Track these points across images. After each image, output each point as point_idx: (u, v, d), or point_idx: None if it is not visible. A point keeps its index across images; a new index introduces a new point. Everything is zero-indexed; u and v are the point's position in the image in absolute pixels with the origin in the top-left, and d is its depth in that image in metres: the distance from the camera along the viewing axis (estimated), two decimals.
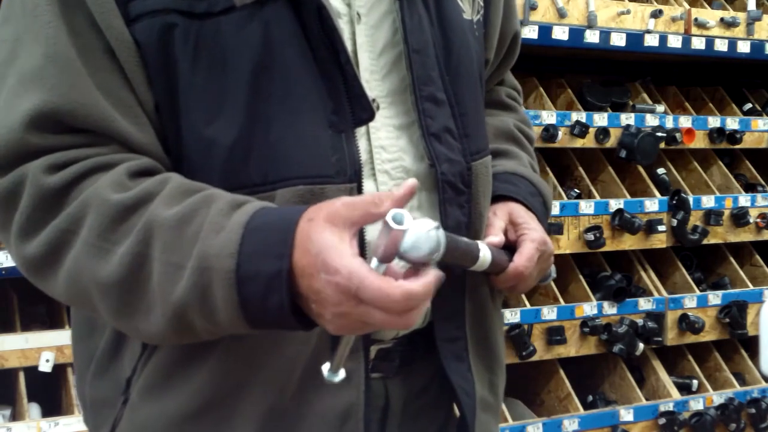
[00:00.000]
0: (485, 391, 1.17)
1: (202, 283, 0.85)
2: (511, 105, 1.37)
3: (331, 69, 0.97)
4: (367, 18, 1.04)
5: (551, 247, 1.18)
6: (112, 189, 0.91)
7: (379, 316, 0.81)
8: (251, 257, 0.84)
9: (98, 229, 0.90)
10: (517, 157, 1.28)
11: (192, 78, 0.94)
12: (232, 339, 0.97)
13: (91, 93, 0.93)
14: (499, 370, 1.21)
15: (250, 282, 0.84)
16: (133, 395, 1.02)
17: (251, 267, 0.84)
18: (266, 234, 0.85)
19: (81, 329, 1.11)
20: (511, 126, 1.31)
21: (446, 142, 1.07)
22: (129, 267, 0.88)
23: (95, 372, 1.07)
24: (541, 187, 1.25)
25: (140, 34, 0.94)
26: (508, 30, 1.29)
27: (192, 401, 0.99)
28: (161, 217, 0.89)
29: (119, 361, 1.04)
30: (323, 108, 0.97)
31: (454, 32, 1.11)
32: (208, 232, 0.86)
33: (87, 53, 0.94)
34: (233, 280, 0.84)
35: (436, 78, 1.07)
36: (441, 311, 1.09)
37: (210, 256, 0.85)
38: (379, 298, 0.80)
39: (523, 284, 1.15)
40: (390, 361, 1.09)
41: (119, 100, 0.95)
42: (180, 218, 0.88)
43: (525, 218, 1.16)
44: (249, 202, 0.89)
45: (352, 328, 0.84)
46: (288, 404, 1.00)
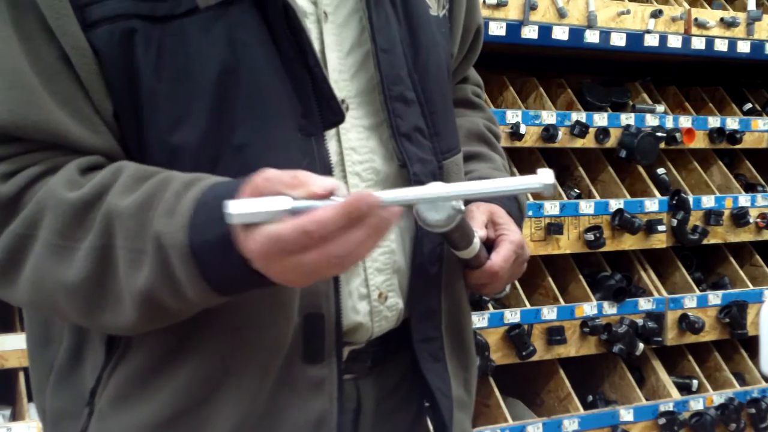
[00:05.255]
0: (461, 390, 1.16)
1: (162, 263, 0.84)
2: (478, 103, 1.37)
3: (299, 71, 0.95)
4: (334, 17, 1.03)
5: (527, 252, 1.16)
6: (66, 187, 0.89)
7: (311, 258, 0.79)
8: (200, 228, 0.83)
9: (58, 229, 0.88)
10: (491, 160, 1.27)
11: (155, 84, 0.92)
12: (204, 346, 0.96)
13: (42, 106, 0.90)
14: (472, 368, 1.21)
15: (204, 251, 0.83)
16: (102, 406, 1.00)
17: (201, 237, 0.83)
18: (213, 204, 0.83)
19: (37, 338, 1.07)
20: (482, 127, 1.31)
21: (417, 142, 1.06)
22: (94, 262, 0.87)
23: (55, 383, 1.04)
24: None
25: (98, 41, 0.91)
26: (470, 24, 1.27)
27: (164, 410, 0.97)
28: (120, 207, 0.87)
29: (80, 372, 1.02)
30: (292, 111, 0.95)
31: (421, 30, 1.09)
32: (163, 214, 0.85)
33: (39, 61, 0.91)
34: (189, 254, 0.83)
35: (404, 77, 1.06)
36: (417, 311, 1.08)
37: (164, 235, 0.84)
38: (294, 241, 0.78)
39: (494, 285, 1.13)
40: (362, 362, 1.08)
41: (74, 109, 0.92)
42: (138, 205, 0.87)
43: (505, 219, 1.15)
44: (203, 179, 0.87)
45: (301, 279, 0.83)
46: (261, 412, 0.98)
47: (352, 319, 1.03)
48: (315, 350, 0.99)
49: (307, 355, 0.99)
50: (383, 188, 1.05)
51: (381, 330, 1.06)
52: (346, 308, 1.01)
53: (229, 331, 0.95)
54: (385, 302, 1.05)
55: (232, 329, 0.95)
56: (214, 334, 0.96)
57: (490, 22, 2.62)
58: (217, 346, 0.96)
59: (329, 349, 1.00)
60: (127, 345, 0.98)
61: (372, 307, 1.04)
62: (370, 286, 1.04)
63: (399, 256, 1.06)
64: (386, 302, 1.05)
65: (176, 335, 0.96)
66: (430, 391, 1.10)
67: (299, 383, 0.99)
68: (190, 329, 0.95)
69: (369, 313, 1.04)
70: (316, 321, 0.99)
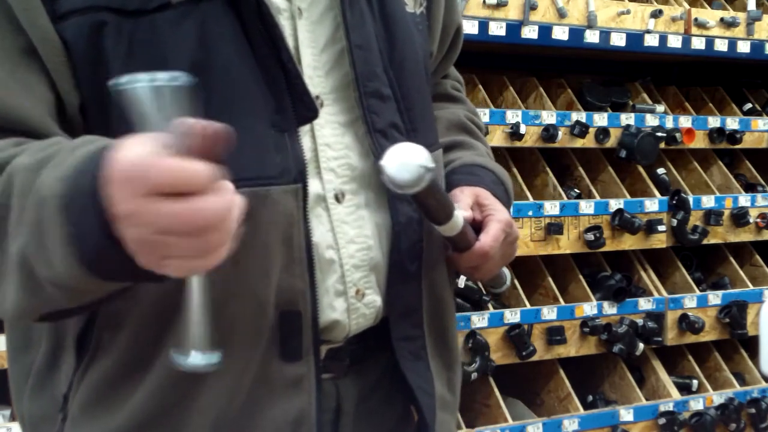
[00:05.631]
0: (444, 389, 1.15)
1: (37, 219, 0.77)
2: (458, 97, 1.36)
3: (272, 67, 0.95)
4: (308, 13, 1.02)
5: (516, 231, 1.15)
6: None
7: (178, 207, 0.68)
8: (75, 178, 0.75)
9: None
10: (473, 147, 1.26)
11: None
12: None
13: (5, 91, 0.89)
14: (456, 367, 1.19)
15: (73, 204, 0.74)
16: (74, 411, 0.98)
17: (74, 189, 0.74)
18: (97, 159, 0.74)
19: (16, 343, 1.06)
20: (462, 117, 1.30)
21: (393, 138, 1.05)
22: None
23: (33, 387, 1.03)
24: (501, 175, 1.23)
25: (68, 33, 0.90)
26: (450, 22, 1.27)
27: (137, 415, 0.96)
28: (21, 165, 0.82)
29: (56, 376, 1.01)
30: (265, 107, 0.95)
31: (397, 26, 1.09)
32: (51, 167, 0.79)
33: (3, 54, 0.90)
34: (60, 206, 0.75)
35: (380, 73, 1.05)
36: (396, 309, 1.07)
37: (43, 186, 0.77)
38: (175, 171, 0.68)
39: (487, 266, 1.12)
40: (340, 360, 1.07)
41: (38, 97, 0.90)
42: (39, 161, 0.81)
43: (490, 200, 1.14)
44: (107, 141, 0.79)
45: (152, 247, 0.71)
46: (238, 413, 0.97)
47: (328, 317, 1.02)
48: (292, 348, 0.98)
49: (284, 353, 0.98)
50: (359, 184, 1.04)
51: (359, 327, 1.05)
52: (322, 305, 1.01)
53: None
54: (362, 299, 1.04)
55: None
56: None
57: (490, 22, 2.62)
58: None
59: (307, 346, 0.99)
60: (96, 348, 0.97)
61: (349, 304, 1.03)
62: (347, 283, 1.03)
63: (376, 252, 1.05)
64: (364, 299, 1.04)
65: (145, 336, 0.95)
66: (411, 390, 1.09)
67: (277, 382, 0.98)
68: (159, 329, 0.93)
69: (346, 311, 1.03)
70: (292, 318, 0.98)
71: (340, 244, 1.02)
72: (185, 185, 0.68)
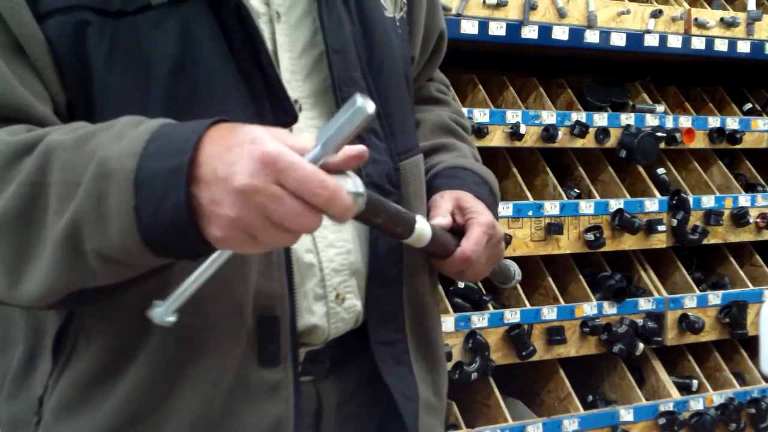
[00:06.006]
0: (429, 392, 1.15)
1: (98, 190, 0.79)
2: (442, 99, 1.36)
3: (251, 71, 0.95)
4: (286, 17, 1.02)
5: (500, 231, 1.15)
6: (8, 134, 0.88)
7: (291, 206, 0.74)
8: (154, 156, 0.78)
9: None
10: (457, 149, 1.26)
11: (107, 77, 0.91)
12: (154, 350, 0.93)
13: (5, 81, 0.90)
14: (441, 370, 1.19)
15: (149, 182, 0.77)
16: (47, 415, 0.97)
17: (152, 166, 0.77)
18: (173, 135, 0.79)
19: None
20: (446, 119, 1.30)
21: (370, 143, 1.05)
22: (24, 198, 0.83)
23: (9, 390, 1.03)
24: (485, 175, 1.23)
25: (51, 32, 0.91)
26: (432, 27, 1.27)
27: (112, 419, 0.95)
28: (59, 141, 0.83)
29: (32, 379, 1.00)
30: (244, 110, 0.94)
31: (375, 30, 1.09)
32: (110, 141, 0.80)
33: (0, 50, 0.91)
34: (131, 180, 0.77)
35: (358, 78, 1.05)
36: (375, 313, 1.07)
37: (110, 159, 0.79)
38: (310, 178, 0.74)
39: (472, 270, 1.12)
40: (320, 363, 1.07)
41: (35, 91, 0.91)
42: (80, 138, 0.83)
43: (472, 203, 1.14)
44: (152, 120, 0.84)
45: (246, 223, 0.75)
46: (215, 418, 0.96)
47: (307, 321, 1.01)
48: (270, 354, 0.98)
49: (262, 359, 0.97)
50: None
51: (338, 331, 1.05)
52: (301, 309, 1.00)
53: (178, 334, 0.91)
54: (342, 303, 1.04)
55: (181, 332, 0.91)
56: (163, 338, 0.93)
57: (490, 22, 2.62)
58: (166, 351, 0.94)
59: (285, 352, 0.98)
60: (72, 351, 0.96)
61: (329, 308, 1.03)
62: (327, 287, 1.03)
63: (356, 257, 1.05)
64: (344, 303, 1.04)
65: (121, 339, 0.94)
66: (391, 395, 1.08)
67: (255, 387, 0.98)
68: (136, 332, 0.93)
69: (326, 315, 1.03)
70: (270, 324, 0.97)
71: (320, 247, 1.02)
72: (311, 196, 0.74)
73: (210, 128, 0.79)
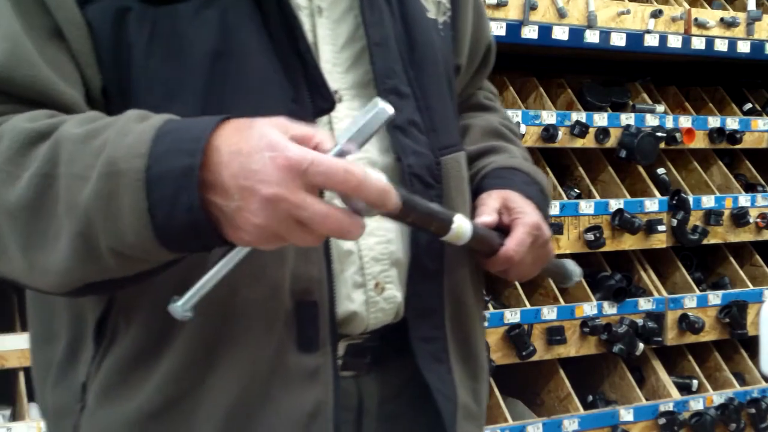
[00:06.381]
0: (469, 399, 1.13)
1: (108, 191, 0.79)
2: (491, 106, 1.37)
3: (290, 57, 0.96)
4: (328, 12, 1.04)
5: (547, 232, 1.13)
6: (27, 120, 0.88)
7: (317, 209, 0.76)
8: (162, 156, 0.78)
9: (9, 156, 0.86)
10: (507, 151, 1.25)
11: (146, 63, 0.93)
12: (191, 332, 0.94)
13: (34, 64, 0.91)
14: (482, 378, 1.17)
15: (160, 183, 0.77)
16: (90, 400, 0.99)
17: (161, 167, 0.78)
18: (180, 133, 0.79)
19: (38, 338, 1.07)
20: (496, 123, 1.30)
21: (412, 135, 1.05)
22: (36, 188, 0.84)
23: (54, 379, 1.04)
24: (536, 175, 1.22)
25: (93, 16, 0.92)
26: (480, 39, 1.28)
27: (151, 401, 0.96)
28: (68, 134, 0.84)
29: (75, 366, 1.01)
30: (283, 96, 0.95)
31: (416, 28, 1.10)
32: (116, 137, 0.81)
33: (32, 30, 0.92)
34: (142, 182, 0.78)
35: (399, 71, 1.06)
36: (414, 308, 1.07)
37: (118, 160, 0.79)
38: (337, 169, 0.75)
39: (517, 270, 1.11)
40: (361, 357, 1.06)
41: (66, 75, 0.93)
42: (88, 132, 0.84)
43: (519, 203, 1.13)
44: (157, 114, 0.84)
45: (275, 229, 0.77)
46: (252, 402, 0.96)
47: (346, 308, 1.01)
48: (309, 338, 0.98)
49: (301, 344, 0.97)
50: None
51: (377, 322, 1.05)
52: (340, 296, 1.00)
53: (215, 317, 0.93)
54: (381, 293, 1.04)
55: (218, 315, 0.93)
56: (200, 321, 0.93)
57: (490, 22, 2.61)
58: (203, 333, 0.94)
59: (324, 337, 0.98)
60: (112, 335, 0.97)
61: (368, 297, 1.03)
62: (366, 275, 1.02)
63: (397, 247, 1.05)
64: (383, 293, 1.04)
65: (158, 322, 0.95)
66: (431, 393, 1.07)
67: (293, 372, 0.97)
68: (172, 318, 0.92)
69: (364, 303, 1.03)
70: (308, 308, 0.97)
71: None
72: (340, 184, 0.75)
73: (218, 127, 0.80)
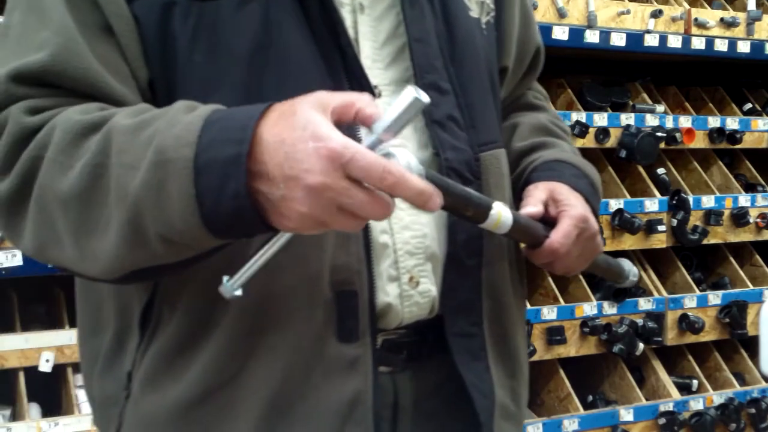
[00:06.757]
0: (507, 398, 1.13)
1: (157, 179, 0.82)
2: (540, 105, 1.37)
3: (330, 50, 0.98)
4: (370, 10, 1.05)
5: (594, 225, 1.13)
6: (79, 113, 0.90)
7: (360, 198, 0.78)
8: (210, 145, 0.80)
9: (62, 147, 0.88)
10: (557, 146, 1.25)
11: (190, 55, 0.95)
12: (232, 321, 0.96)
13: (84, 57, 0.93)
14: (522, 379, 1.17)
15: (208, 170, 0.80)
16: (135, 389, 1.01)
17: (209, 155, 0.80)
18: (227, 122, 0.81)
19: (86, 329, 1.10)
20: (545, 121, 1.31)
21: (450, 130, 1.06)
22: (88, 178, 0.86)
23: (101, 370, 1.06)
24: (585, 169, 1.21)
25: (140, 11, 0.95)
26: (528, 40, 1.29)
27: (193, 388, 0.98)
28: (119, 125, 0.87)
29: (122, 356, 1.04)
30: (322, 89, 0.95)
31: (458, 26, 1.11)
32: (165, 128, 0.83)
33: (83, 25, 0.94)
34: (190, 170, 0.80)
35: (439, 67, 1.07)
36: (449, 304, 1.06)
37: (167, 149, 0.81)
38: (376, 167, 0.77)
39: (562, 263, 1.10)
40: (397, 353, 1.06)
41: (115, 69, 0.95)
42: (138, 123, 0.86)
43: (566, 195, 1.12)
44: (205, 105, 0.86)
45: (319, 215, 0.79)
46: (293, 390, 0.98)
47: (382, 300, 1.02)
48: (348, 328, 0.99)
49: (341, 333, 0.99)
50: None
51: (412, 316, 1.05)
52: (375, 288, 1.01)
53: (256, 306, 0.95)
54: (416, 287, 1.04)
55: (257, 302, 0.95)
56: (241, 310, 0.95)
57: None
58: (242, 320, 0.96)
59: (363, 328, 0.99)
60: (157, 323, 1.00)
61: (402, 290, 1.03)
62: (400, 269, 1.03)
63: (432, 241, 1.05)
64: (418, 287, 1.04)
65: (200, 310, 0.97)
66: (466, 389, 1.07)
67: (333, 362, 0.99)
68: (215, 305, 0.95)
69: (399, 296, 1.03)
70: (348, 298, 0.98)
71: (395, 229, 1.03)
72: (378, 181, 0.77)
73: (263, 115, 0.81)
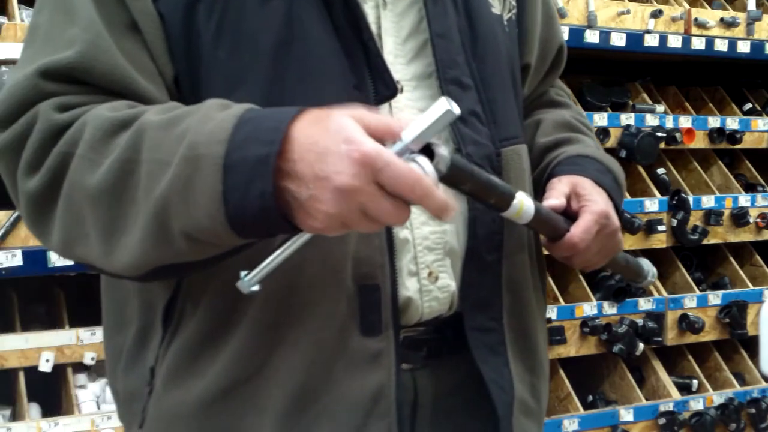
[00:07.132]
0: (527, 394, 1.13)
1: (186, 174, 0.82)
2: (563, 102, 1.38)
3: (353, 45, 0.98)
4: (393, 6, 1.06)
5: (615, 222, 1.12)
6: (109, 110, 0.91)
7: (385, 206, 0.79)
8: (242, 144, 0.81)
9: (92, 144, 0.89)
10: (581, 141, 1.26)
11: (214, 51, 0.96)
12: (254, 315, 0.96)
13: (112, 54, 0.94)
14: (542, 375, 1.17)
15: (236, 168, 0.80)
16: (158, 384, 1.02)
17: (239, 154, 0.80)
18: (260, 122, 0.82)
19: (110, 326, 1.11)
20: (568, 117, 1.31)
21: (472, 125, 1.06)
22: (117, 173, 0.87)
23: (125, 365, 1.07)
24: (609, 164, 1.21)
25: (165, 9, 0.96)
26: (550, 39, 1.30)
27: (217, 383, 0.98)
28: (151, 121, 0.87)
29: (145, 352, 1.04)
30: (345, 83, 0.98)
31: (480, 22, 1.11)
32: (199, 124, 0.84)
33: (110, 23, 0.95)
34: (220, 166, 0.80)
35: (461, 63, 1.07)
36: (469, 299, 1.07)
37: (199, 145, 0.82)
38: (407, 179, 0.78)
39: (581, 258, 1.10)
40: (417, 350, 1.07)
41: (141, 66, 0.96)
42: (170, 119, 0.87)
43: (589, 190, 1.12)
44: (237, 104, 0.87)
45: (344, 217, 0.80)
46: (316, 383, 0.98)
47: (402, 294, 1.02)
48: (371, 322, 0.99)
49: (364, 327, 0.99)
50: None
51: (431, 311, 1.05)
52: (398, 282, 1.01)
53: (278, 300, 0.96)
54: (435, 282, 1.04)
55: (280, 296, 0.95)
56: (264, 304, 0.96)
57: None
58: (266, 314, 0.97)
59: (386, 322, 1.00)
60: (180, 318, 1.00)
61: (421, 285, 1.03)
62: (419, 264, 1.03)
63: (451, 237, 1.05)
64: (437, 282, 1.04)
65: (223, 305, 0.97)
66: (485, 384, 1.07)
67: (356, 355, 0.99)
68: (238, 300, 0.95)
69: (418, 291, 1.03)
70: (371, 291, 0.99)
71: (414, 224, 1.03)
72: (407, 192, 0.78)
73: (295, 118, 0.81)
